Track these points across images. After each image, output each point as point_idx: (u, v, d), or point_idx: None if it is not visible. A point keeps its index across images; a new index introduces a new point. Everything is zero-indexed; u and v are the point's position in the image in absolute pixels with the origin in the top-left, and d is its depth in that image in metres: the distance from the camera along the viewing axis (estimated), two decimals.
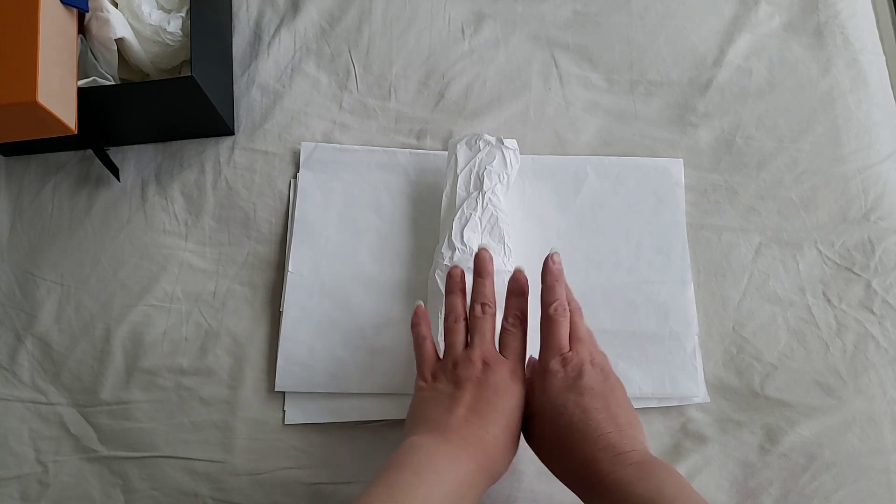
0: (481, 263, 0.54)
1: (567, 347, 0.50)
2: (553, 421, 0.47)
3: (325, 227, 0.64)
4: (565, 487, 0.47)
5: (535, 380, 0.51)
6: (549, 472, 0.51)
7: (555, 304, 0.51)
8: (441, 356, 0.53)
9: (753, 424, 0.59)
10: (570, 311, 0.52)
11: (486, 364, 0.50)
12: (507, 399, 0.48)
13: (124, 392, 0.61)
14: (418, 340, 0.53)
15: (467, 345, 0.52)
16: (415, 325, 0.54)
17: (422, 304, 0.55)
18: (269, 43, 0.72)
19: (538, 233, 0.64)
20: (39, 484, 0.59)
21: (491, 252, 0.58)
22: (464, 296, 0.54)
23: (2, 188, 0.68)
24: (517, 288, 0.53)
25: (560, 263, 0.53)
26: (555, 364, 0.49)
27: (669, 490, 0.42)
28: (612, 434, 0.45)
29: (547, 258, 0.53)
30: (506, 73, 0.71)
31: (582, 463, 0.45)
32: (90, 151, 0.68)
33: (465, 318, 0.53)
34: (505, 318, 0.53)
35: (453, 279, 0.54)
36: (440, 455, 0.44)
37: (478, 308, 0.52)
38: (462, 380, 0.49)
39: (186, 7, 0.63)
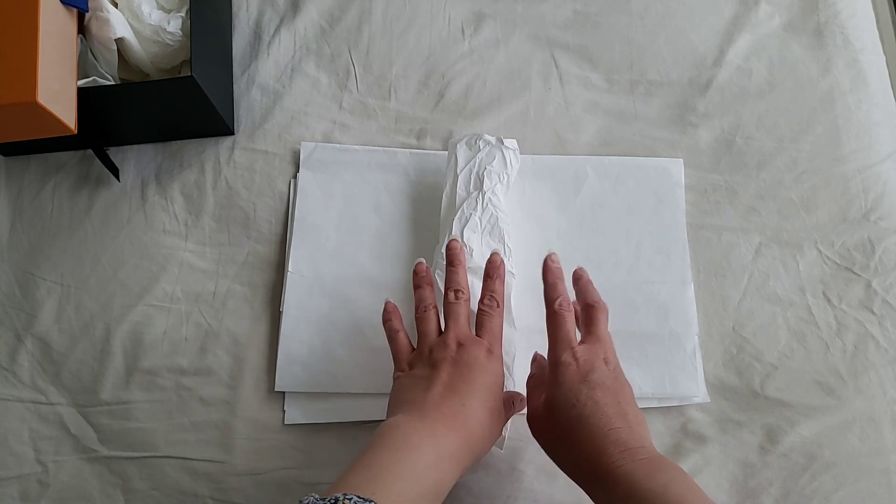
0: (452, 253, 0.55)
1: (576, 341, 0.50)
2: (565, 412, 0.47)
3: (325, 227, 0.64)
4: (565, 487, 0.47)
5: (546, 374, 0.51)
6: (549, 472, 0.51)
7: (559, 300, 0.51)
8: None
9: (753, 424, 0.59)
10: (596, 309, 0.51)
11: (460, 345, 0.50)
12: (483, 375, 0.48)
13: (124, 392, 0.61)
14: (391, 334, 0.54)
15: (441, 332, 0.52)
16: (386, 320, 0.55)
17: (390, 300, 0.56)
18: (269, 43, 0.72)
19: (538, 233, 0.64)
20: (39, 484, 0.59)
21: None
22: (431, 288, 0.55)
23: (2, 188, 0.68)
24: (492, 271, 0.54)
25: (559, 262, 0.54)
26: (567, 357, 0.48)
27: (677, 488, 0.42)
28: (622, 430, 0.45)
29: (546, 258, 0.54)
30: (506, 73, 0.71)
31: (590, 456, 0.45)
32: (90, 151, 0.68)
33: (435, 307, 0.53)
34: (480, 301, 0.53)
35: (418, 275, 0.55)
36: (417, 431, 0.45)
37: (451, 294, 0.53)
38: (437, 361, 0.49)
39: (186, 7, 0.63)
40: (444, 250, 0.58)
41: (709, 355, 0.61)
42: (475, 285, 0.57)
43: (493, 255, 0.55)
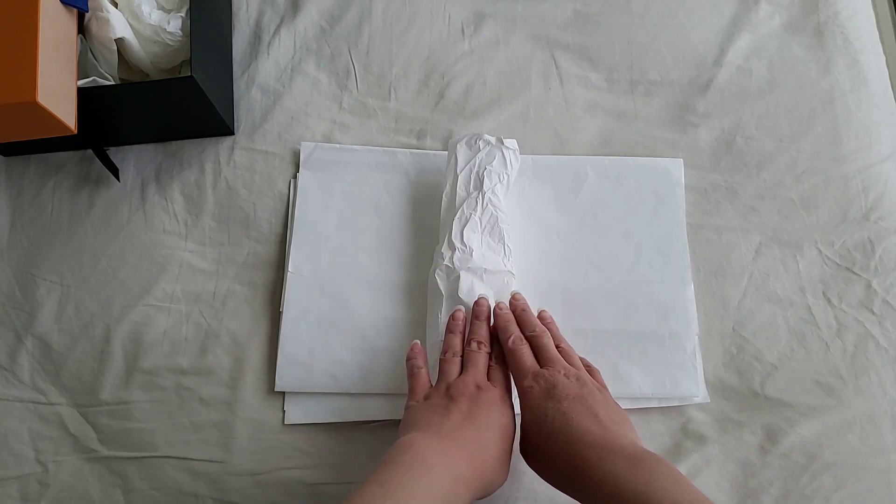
0: (479, 309, 0.56)
1: (535, 367, 0.51)
2: (537, 431, 0.48)
3: (325, 227, 0.64)
4: None
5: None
6: None
7: (511, 338, 0.54)
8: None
9: (753, 424, 0.59)
10: (535, 336, 0.54)
11: (478, 387, 0.51)
12: (500, 414, 0.49)
13: (124, 392, 0.61)
14: (414, 370, 0.54)
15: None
16: (410, 358, 0.55)
17: (418, 342, 0.57)
18: (269, 43, 0.72)
19: (538, 233, 0.64)
20: (39, 484, 0.59)
21: (491, 253, 0.59)
22: (463, 336, 0.56)
23: (2, 188, 0.68)
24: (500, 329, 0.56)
25: (508, 309, 0.57)
26: (528, 381, 0.50)
27: (661, 483, 0.42)
28: (595, 432, 0.46)
29: (495, 307, 0.57)
30: (506, 73, 0.71)
31: (570, 464, 0.45)
32: (90, 151, 0.68)
33: (462, 356, 0.54)
34: (490, 356, 0.54)
35: (455, 321, 0.56)
36: (433, 451, 0.45)
37: (473, 344, 0.54)
38: (456, 395, 0.50)
39: (186, 7, 0.63)
40: (444, 250, 0.58)
41: (709, 355, 0.61)
42: (475, 286, 0.57)
43: (498, 311, 0.56)
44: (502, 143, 0.62)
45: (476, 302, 0.57)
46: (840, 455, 0.58)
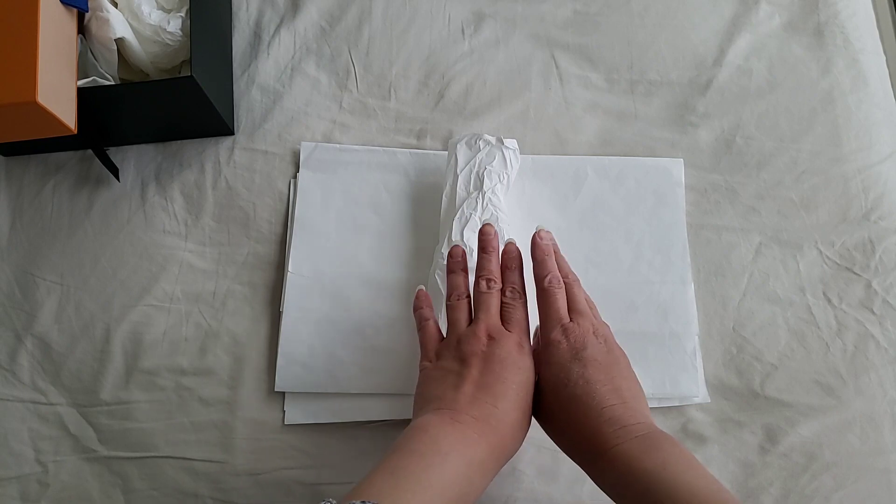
0: (486, 238, 0.53)
1: (567, 318, 0.49)
2: (557, 393, 0.46)
3: (325, 227, 0.64)
4: (565, 488, 0.47)
5: (539, 352, 0.50)
6: (549, 473, 0.50)
7: (548, 277, 0.50)
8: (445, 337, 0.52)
9: (753, 424, 0.59)
10: (568, 282, 0.51)
11: (491, 338, 0.48)
12: (515, 372, 0.47)
13: (124, 392, 0.61)
14: (421, 322, 0.52)
15: (471, 322, 0.50)
16: (417, 308, 0.53)
17: (423, 287, 0.54)
18: (269, 43, 0.72)
19: None
20: (39, 484, 0.59)
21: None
22: (466, 275, 0.53)
23: (2, 188, 0.68)
24: (510, 261, 0.53)
25: (548, 239, 0.53)
26: (556, 334, 0.48)
27: (675, 465, 0.41)
28: (616, 407, 0.45)
29: (535, 234, 0.53)
30: (506, 73, 0.71)
31: (586, 436, 0.44)
32: (90, 151, 0.68)
33: (468, 297, 0.52)
34: (502, 293, 0.51)
35: (454, 258, 0.53)
36: (447, 437, 0.43)
37: (483, 284, 0.51)
38: (467, 355, 0.47)
39: (186, 7, 0.63)
40: (444, 250, 0.58)
41: (709, 355, 0.61)
42: None
43: (508, 245, 0.53)
44: (502, 143, 0.62)
45: (482, 230, 0.53)
46: (840, 455, 0.58)
